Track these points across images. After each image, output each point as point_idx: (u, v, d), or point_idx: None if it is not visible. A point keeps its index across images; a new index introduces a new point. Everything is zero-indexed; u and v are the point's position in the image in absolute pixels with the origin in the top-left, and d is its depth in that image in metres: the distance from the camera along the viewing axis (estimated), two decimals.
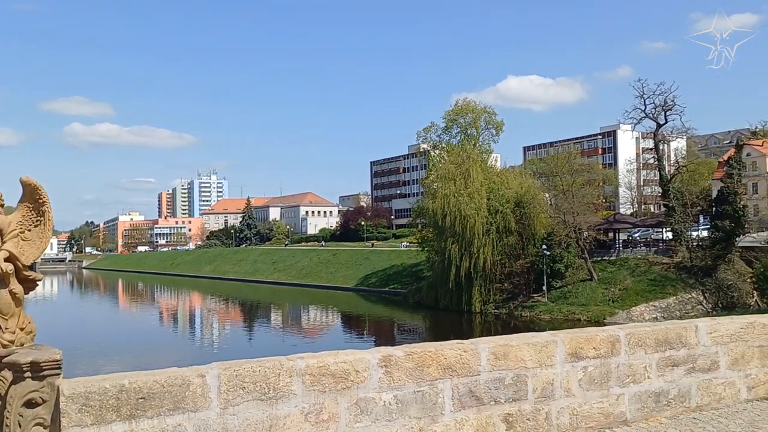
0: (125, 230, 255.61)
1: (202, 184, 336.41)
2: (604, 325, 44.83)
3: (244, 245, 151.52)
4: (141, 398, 4.26)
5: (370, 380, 4.95)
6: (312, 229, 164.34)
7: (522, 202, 61.70)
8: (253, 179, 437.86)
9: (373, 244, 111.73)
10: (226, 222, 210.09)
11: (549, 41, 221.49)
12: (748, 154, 75.05)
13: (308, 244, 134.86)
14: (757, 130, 74.90)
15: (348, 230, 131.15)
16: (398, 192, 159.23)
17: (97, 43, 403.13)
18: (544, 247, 57.98)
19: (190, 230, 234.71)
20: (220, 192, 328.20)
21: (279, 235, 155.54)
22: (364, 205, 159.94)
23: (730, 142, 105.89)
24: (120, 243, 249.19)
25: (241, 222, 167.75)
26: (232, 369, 4.60)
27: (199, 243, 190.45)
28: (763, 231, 56.56)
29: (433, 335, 53.31)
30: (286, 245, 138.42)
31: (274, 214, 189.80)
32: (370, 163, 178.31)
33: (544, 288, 57.93)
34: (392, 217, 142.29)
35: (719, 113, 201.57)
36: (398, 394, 5.05)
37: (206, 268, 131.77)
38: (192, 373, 4.48)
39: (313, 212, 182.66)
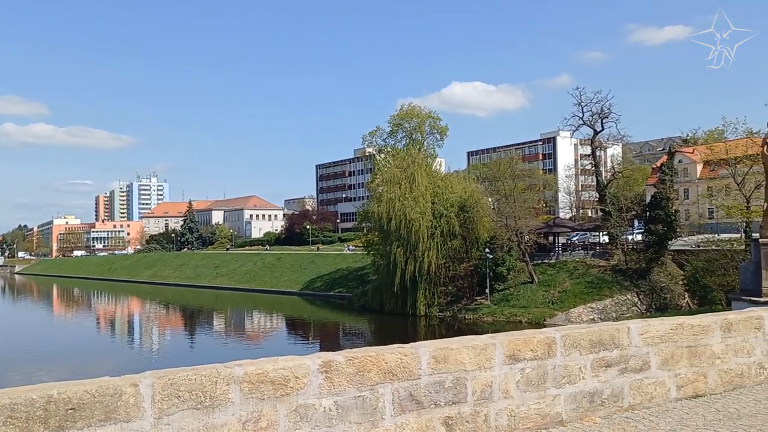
0: (60, 234, 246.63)
1: (142, 187, 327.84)
2: (545, 326, 46.02)
3: (185, 249, 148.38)
4: (70, 409, 4.11)
5: (310, 386, 4.92)
6: (256, 233, 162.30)
7: (466, 206, 62.57)
8: (195, 182, 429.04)
9: (318, 248, 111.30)
10: (166, 226, 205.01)
11: (492, 49, 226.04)
12: (679, 161, 78.35)
13: (252, 248, 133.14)
14: (688, 137, 78.17)
15: (293, 234, 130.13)
16: (344, 196, 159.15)
17: (32, 40, 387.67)
18: (487, 250, 58.92)
19: (128, 234, 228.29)
20: (161, 195, 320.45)
21: (222, 239, 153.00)
22: (310, 208, 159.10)
23: (662, 150, 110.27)
24: (55, 247, 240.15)
25: (182, 226, 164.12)
26: (166, 378, 4.49)
27: (139, 247, 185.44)
28: (693, 235, 58.97)
29: (378, 339, 53.43)
30: (228, 249, 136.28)
31: (217, 217, 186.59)
32: (316, 166, 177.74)
33: (487, 291, 58.86)
34: (338, 220, 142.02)
35: (653, 121, 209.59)
36: (339, 400, 5.03)
37: (146, 273, 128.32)
38: (124, 382, 4.34)
39: (257, 216, 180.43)
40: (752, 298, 9.96)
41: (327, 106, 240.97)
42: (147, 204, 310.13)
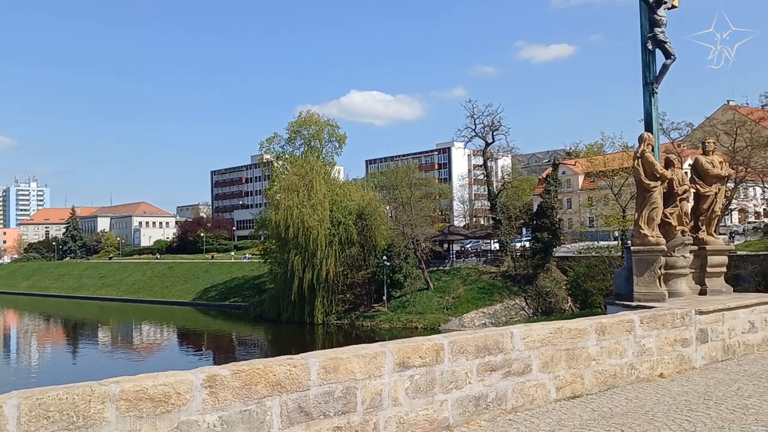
0: None
1: (20, 192, 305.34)
2: (440, 332, 47.02)
3: (67, 258, 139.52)
4: None
5: (193, 402, 4.74)
6: (146, 241, 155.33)
7: (364, 214, 62.99)
8: (79, 187, 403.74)
9: (213, 257, 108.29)
10: (47, 233, 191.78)
11: (390, 60, 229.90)
12: (563, 173, 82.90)
13: (142, 256, 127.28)
14: (571, 150, 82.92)
15: (186, 242, 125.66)
16: (240, 203, 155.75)
17: None
18: (384, 258, 59.60)
19: (5, 242, 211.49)
20: (41, 201, 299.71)
21: (108, 247, 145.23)
22: (204, 215, 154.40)
23: (548, 161, 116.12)
24: None
25: (64, 233, 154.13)
26: (34, 398, 4.18)
27: (16, 256, 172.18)
28: (576, 242, 62.50)
29: (275, 349, 52.59)
30: (110, 258, 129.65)
31: (103, 225, 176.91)
32: (211, 172, 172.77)
33: (385, 298, 59.50)
34: (234, 228, 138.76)
35: (540, 134, 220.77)
36: (223, 415, 4.88)
37: (23, 284, 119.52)
38: None
39: (147, 223, 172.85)
40: (625, 303, 10.65)
41: (223, 112, 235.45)
42: (26, 210, 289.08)
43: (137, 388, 4.53)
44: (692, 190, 12.19)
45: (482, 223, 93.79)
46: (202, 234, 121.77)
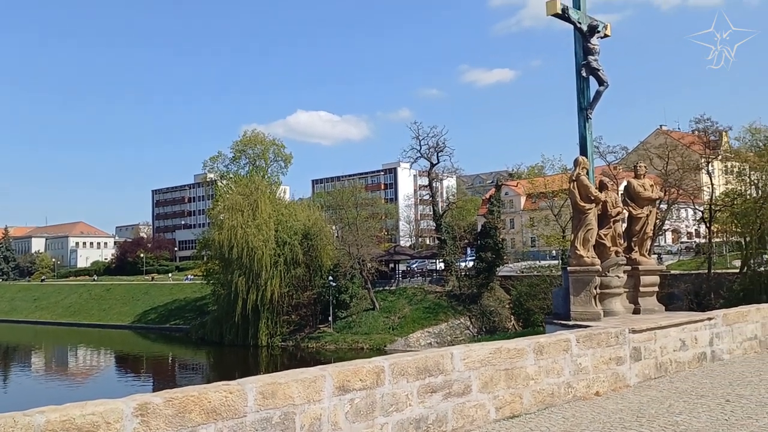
0: None
1: None
2: (385, 352, 46.89)
3: None
4: None
5: None
6: (83, 262, 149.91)
7: (310, 234, 62.60)
8: (11, 206, 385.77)
9: (153, 278, 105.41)
10: None
11: (337, 80, 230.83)
12: (506, 193, 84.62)
13: (78, 278, 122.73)
14: (513, 172, 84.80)
15: (125, 263, 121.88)
16: (183, 222, 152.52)
17: None
18: (330, 278, 59.29)
19: None
20: None
21: (42, 268, 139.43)
22: (145, 236, 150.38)
23: (492, 182, 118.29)
24: None
25: None
26: None
27: None
28: (518, 262, 63.71)
29: (217, 372, 51.42)
30: (42, 280, 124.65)
31: (38, 245, 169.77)
32: (152, 191, 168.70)
33: (330, 318, 59.09)
34: (176, 248, 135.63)
35: (484, 156, 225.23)
36: None
37: None
38: None
39: (84, 243, 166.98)
40: (562, 322, 10.88)
41: (166, 130, 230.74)
42: None
43: (64, 418, 4.35)
44: (625, 212, 12.64)
45: (428, 243, 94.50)
46: (142, 255, 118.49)
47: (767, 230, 39.68)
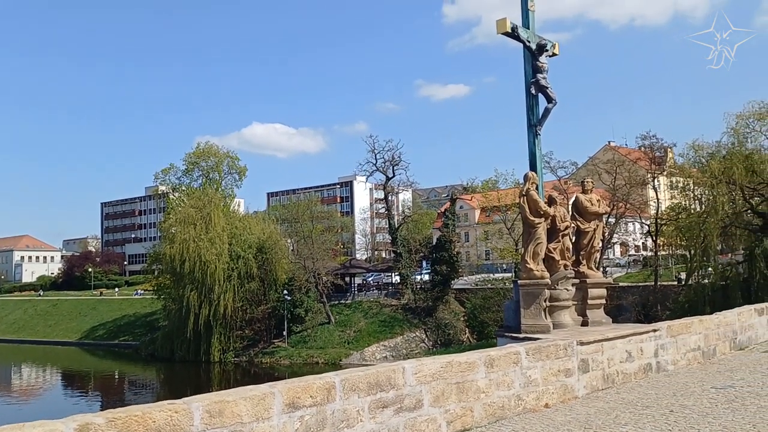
0: None
1: None
2: (341, 366, 46.59)
3: None
4: None
5: None
6: (28, 277, 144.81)
7: (264, 247, 61.95)
8: None
9: (101, 293, 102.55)
10: None
11: (293, 93, 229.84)
12: (461, 207, 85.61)
13: (23, 293, 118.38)
14: (468, 186, 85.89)
15: (73, 278, 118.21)
16: (133, 236, 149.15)
17: None
18: (285, 292, 58.74)
19: None
20: None
21: None
22: (93, 249, 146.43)
23: (447, 196, 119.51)
24: None
25: None
26: None
27: None
28: (473, 275, 64.35)
29: (167, 389, 50.28)
30: None
31: None
32: (101, 204, 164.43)
33: (285, 333, 58.45)
34: (126, 262, 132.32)
35: (439, 169, 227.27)
36: None
37: None
38: None
39: (29, 257, 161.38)
40: (513, 335, 11.02)
41: (116, 141, 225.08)
42: None
43: None
44: (573, 227, 12.93)
45: (384, 256, 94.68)
46: (90, 269, 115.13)
47: (710, 244, 41.03)
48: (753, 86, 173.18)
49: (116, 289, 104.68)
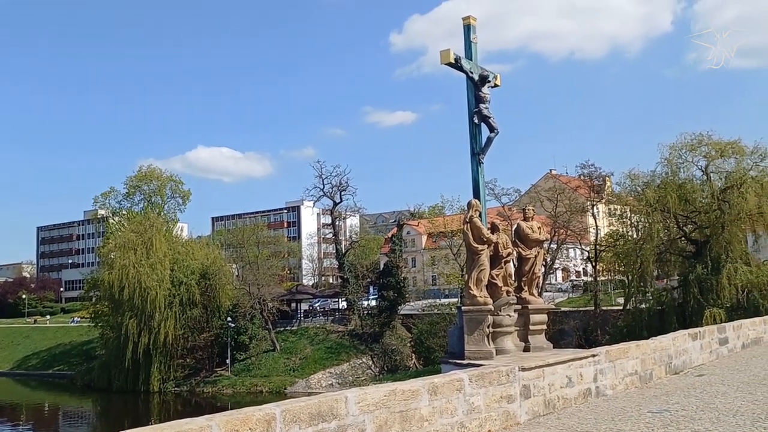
0: None
1: None
2: (286, 395, 45.76)
3: None
4: None
5: None
6: None
7: (208, 273, 60.74)
8: None
9: (36, 320, 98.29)
10: None
11: (240, 116, 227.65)
12: (408, 233, 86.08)
13: None
14: (415, 211, 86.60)
15: (5, 305, 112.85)
16: (70, 261, 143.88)
17: None
18: (229, 319, 57.60)
19: None
20: None
21: None
22: (28, 275, 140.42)
23: (394, 221, 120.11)
24: None
25: None
26: None
27: None
28: (420, 300, 64.57)
29: (104, 421, 48.49)
30: None
31: None
32: (37, 228, 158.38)
33: (228, 361, 57.15)
34: (62, 289, 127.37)
35: (386, 195, 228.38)
36: None
37: None
38: None
39: None
40: (457, 361, 11.06)
41: (53, 164, 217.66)
42: None
43: None
44: (515, 253, 13.18)
45: (331, 281, 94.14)
46: (24, 296, 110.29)
47: (647, 269, 42.44)
48: (684, 117, 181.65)
49: (47, 317, 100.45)
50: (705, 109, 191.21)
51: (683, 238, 43.15)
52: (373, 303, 63.56)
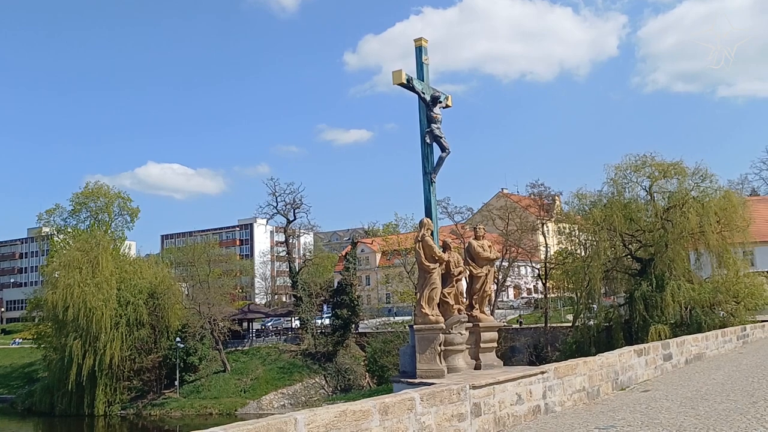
0: None
1: None
2: (236, 417, 44.79)
3: None
4: None
5: None
6: None
7: (156, 292, 59.21)
8: None
9: None
10: None
11: (192, 132, 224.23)
12: (362, 251, 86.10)
13: None
14: (369, 229, 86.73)
15: None
16: (12, 280, 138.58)
17: None
18: (178, 339, 56.24)
19: None
20: None
21: None
22: None
23: (348, 239, 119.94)
24: None
25: None
26: None
27: None
28: (373, 318, 64.40)
29: None
30: None
31: None
32: None
33: (177, 383, 55.70)
34: (3, 309, 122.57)
35: (341, 213, 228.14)
36: None
37: None
38: None
39: None
40: (409, 380, 11.06)
41: None
42: None
43: None
44: (467, 271, 13.31)
45: (284, 300, 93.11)
46: None
47: (595, 287, 43.35)
48: (629, 139, 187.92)
49: (15, 337, 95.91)
50: (649, 131, 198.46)
51: (629, 256, 44.28)
52: (327, 321, 63.09)
